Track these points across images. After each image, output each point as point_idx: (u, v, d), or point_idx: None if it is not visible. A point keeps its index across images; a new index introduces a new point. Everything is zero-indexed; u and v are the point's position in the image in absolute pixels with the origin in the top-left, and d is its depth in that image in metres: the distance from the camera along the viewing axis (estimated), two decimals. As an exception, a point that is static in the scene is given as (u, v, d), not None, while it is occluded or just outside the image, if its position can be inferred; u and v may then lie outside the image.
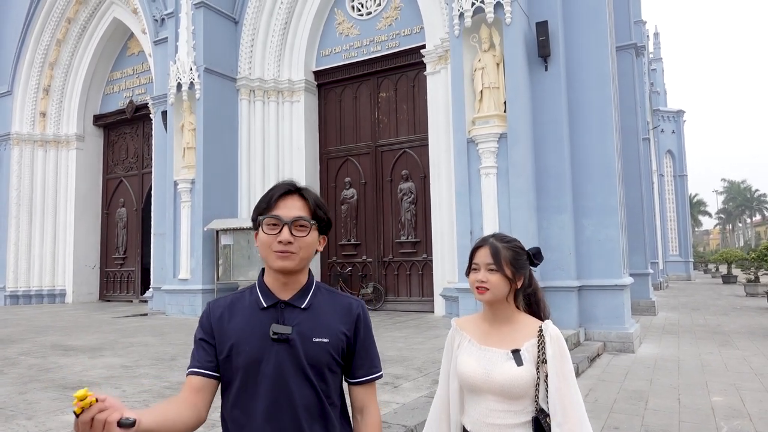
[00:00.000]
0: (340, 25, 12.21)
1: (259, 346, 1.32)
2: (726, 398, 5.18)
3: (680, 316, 11.81)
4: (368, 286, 11.50)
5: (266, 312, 1.36)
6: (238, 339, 1.33)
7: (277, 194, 1.38)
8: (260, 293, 1.39)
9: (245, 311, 1.37)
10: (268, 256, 1.36)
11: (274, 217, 1.36)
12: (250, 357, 1.32)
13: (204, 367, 1.35)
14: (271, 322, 1.34)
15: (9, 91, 15.65)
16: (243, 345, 1.32)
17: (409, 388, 4.57)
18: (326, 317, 1.39)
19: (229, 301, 1.41)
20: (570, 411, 1.56)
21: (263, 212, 1.38)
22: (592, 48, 8.26)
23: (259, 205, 1.40)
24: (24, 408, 4.11)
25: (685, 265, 28.87)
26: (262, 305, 1.37)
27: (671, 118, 29.40)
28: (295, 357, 1.32)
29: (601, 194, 8.01)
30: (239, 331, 1.34)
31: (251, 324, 1.35)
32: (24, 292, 15.05)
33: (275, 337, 1.32)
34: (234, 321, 1.36)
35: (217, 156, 11.31)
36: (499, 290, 1.65)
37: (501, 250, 1.67)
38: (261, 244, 1.38)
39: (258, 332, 1.33)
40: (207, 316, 1.40)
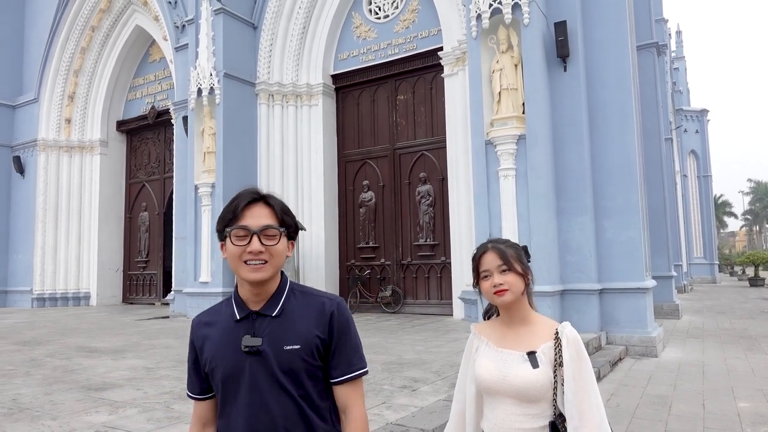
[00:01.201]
0: (358, 29, 12.25)
1: (233, 359, 1.33)
2: (753, 404, 5.06)
3: (705, 320, 11.57)
4: (387, 289, 11.50)
5: (240, 324, 1.36)
6: (214, 354, 1.35)
7: (242, 203, 1.35)
8: (235, 305, 1.39)
9: (221, 325, 1.39)
10: (239, 267, 1.34)
11: (241, 228, 1.33)
12: (225, 371, 1.34)
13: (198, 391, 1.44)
14: (244, 335, 1.34)
15: (36, 99, 16.05)
16: (219, 359, 1.34)
17: (427, 392, 4.56)
18: (298, 322, 1.36)
19: (208, 316, 1.44)
20: (587, 415, 1.54)
21: (229, 223, 1.35)
22: (612, 47, 8.16)
23: (224, 215, 1.37)
24: (49, 408, 4.20)
25: (710, 268, 28.28)
26: (236, 317, 1.37)
27: (695, 118, 28.87)
28: (267, 368, 1.32)
29: (623, 195, 7.90)
30: (216, 346, 1.36)
31: (226, 338, 1.36)
32: (50, 294, 15.38)
33: (246, 349, 1.32)
34: (212, 336, 1.38)
35: (236, 160, 11.42)
36: (516, 288, 1.65)
37: (505, 250, 1.68)
38: (230, 256, 1.34)
39: (232, 345, 1.34)
40: (192, 334, 1.43)
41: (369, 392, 4.58)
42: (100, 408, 4.19)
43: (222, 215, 1.38)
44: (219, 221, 1.38)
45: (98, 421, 3.85)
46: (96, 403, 4.36)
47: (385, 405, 4.17)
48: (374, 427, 3.61)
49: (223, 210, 1.38)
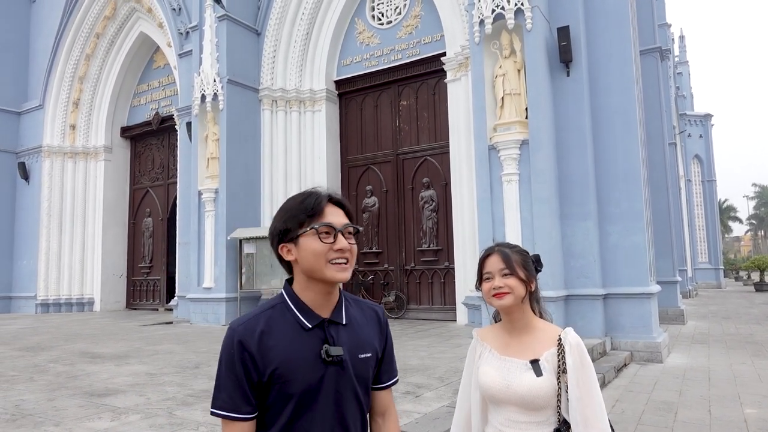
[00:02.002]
0: (361, 35, 12.29)
1: (312, 370, 1.24)
2: (760, 410, 5.02)
3: (710, 325, 11.50)
4: (390, 294, 11.48)
5: (312, 332, 1.27)
6: (284, 365, 1.22)
7: (323, 201, 1.29)
8: (299, 312, 1.28)
9: (286, 333, 1.25)
10: (324, 267, 1.26)
11: (328, 225, 1.27)
12: (304, 383, 1.23)
13: (249, 410, 1.24)
14: (319, 343, 1.26)
15: (41, 105, 16.14)
16: (294, 372, 1.22)
17: (430, 398, 4.53)
18: (363, 331, 1.36)
19: (262, 323, 1.26)
20: (592, 421, 1.53)
21: (305, 222, 1.27)
22: (615, 52, 8.15)
23: (294, 214, 1.28)
24: (52, 414, 4.19)
25: (715, 273, 28.14)
26: (306, 326, 1.27)
27: (698, 122, 28.80)
28: (347, 378, 1.28)
29: (627, 200, 7.87)
30: (285, 357, 1.22)
31: (298, 347, 1.24)
32: (54, 300, 15.41)
33: (329, 359, 1.25)
34: (275, 345, 1.23)
35: (240, 166, 11.45)
36: (518, 293, 1.64)
37: (511, 254, 1.67)
38: (313, 255, 1.26)
39: (308, 356, 1.24)
40: (240, 341, 1.23)
41: (372, 398, 4.55)
42: (102, 414, 4.19)
43: (291, 214, 1.28)
44: (287, 221, 1.28)
45: (101, 427, 3.84)
46: (99, 409, 4.35)
47: (388, 411, 4.15)
48: (377, 433, 3.59)
49: (291, 209, 1.29)
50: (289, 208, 1.30)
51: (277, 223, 1.30)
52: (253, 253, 11.11)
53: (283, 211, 1.30)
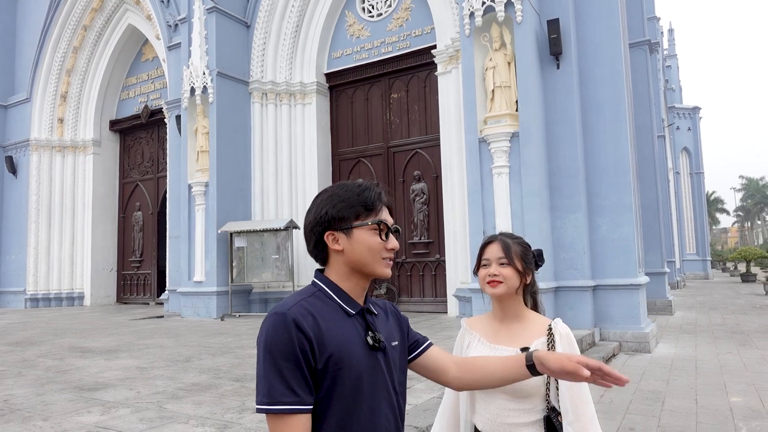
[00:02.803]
0: (351, 27, 12.24)
1: (362, 357, 1.22)
2: (745, 399, 5.10)
3: (698, 316, 11.64)
4: (381, 287, 11.50)
5: (354, 319, 1.26)
6: (339, 350, 1.18)
7: (383, 198, 1.30)
8: (339, 299, 1.26)
9: (334, 319, 1.22)
10: (376, 262, 1.27)
11: (385, 224, 1.28)
12: (358, 370, 1.20)
13: (311, 400, 1.15)
14: (362, 330, 1.25)
15: (28, 98, 15.95)
16: (349, 358, 1.19)
17: (421, 389, 4.56)
18: (387, 322, 1.37)
19: (310, 307, 1.21)
20: (581, 409, 1.56)
21: (366, 215, 1.27)
22: (604, 45, 8.18)
23: (354, 205, 1.26)
24: (41, 409, 4.18)
25: (703, 264, 28.45)
26: (349, 312, 1.25)
27: (687, 115, 29.01)
28: (387, 364, 1.29)
29: (616, 193, 7.93)
30: (338, 341, 1.19)
31: (347, 333, 1.22)
32: (43, 295, 15.30)
33: (376, 345, 1.24)
34: (328, 329, 1.19)
35: (230, 159, 11.39)
36: (511, 283, 1.66)
37: (511, 245, 1.69)
38: (369, 249, 1.26)
39: (357, 341, 1.22)
40: (297, 325, 1.15)
41: (363, 390, 4.58)
42: (92, 408, 4.18)
43: (349, 204, 1.26)
44: (343, 209, 1.25)
45: (90, 421, 3.83)
46: (88, 403, 4.35)
47: (379, 402, 4.17)
48: (368, 424, 3.61)
49: (348, 199, 1.27)
50: (346, 198, 1.27)
51: (329, 209, 1.26)
52: (244, 247, 11.09)
53: (336, 198, 1.27)
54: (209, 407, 4.15)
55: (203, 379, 5.17)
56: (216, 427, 3.63)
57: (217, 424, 3.71)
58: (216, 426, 3.66)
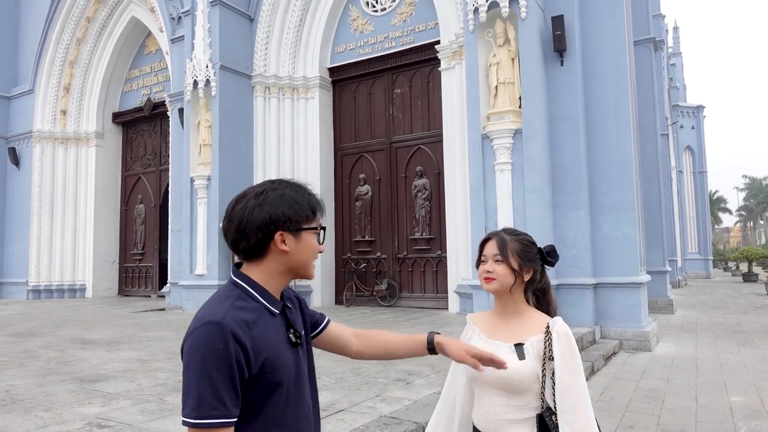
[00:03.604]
0: (355, 22, 12.20)
1: (288, 353, 1.25)
2: (745, 398, 5.10)
3: (699, 315, 11.63)
4: (382, 282, 11.51)
5: (279, 318, 1.28)
6: (271, 353, 1.20)
7: (322, 206, 1.34)
8: (264, 300, 1.26)
9: (262, 321, 1.22)
10: (310, 263, 1.31)
11: (323, 228, 1.32)
12: (287, 368, 1.23)
13: (237, 412, 1.14)
14: (285, 328, 1.28)
15: (31, 90, 15.94)
16: (280, 358, 1.22)
17: (421, 385, 4.57)
18: (296, 312, 1.39)
19: (241, 312, 1.19)
20: (579, 409, 1.55)
21: (313, 218, 1.30)
22: (608, 42, 8.15)
23: (305, 207, 1.28)
24: (42, 400, 4.19)
25: (705, 263, 28.40)
26: (274, 312, 1.26)
27: (691, 114, 28.90)
28: (306, 356, 1.35)
29: (618, 191, 7.92)
30: (270, 344, 1.21)
31: (275, 335, 1.24)
32: (45, 286, 15.34)
33: (298, 341, 1.29)
34: (260, 333, 1.19)
35: (232, 153, 11.39)
36: (504, 280, 1.66)
37: (508, 242, 1.69)
38: (311, 251, 1.30)
39: (282, 340, 1.25)
40: (233, 335, 1.13)
41: (363, 385, 4.59)
42: (93, 399, 4.19)
43: (302, 206, 1.28)
44: (297, 210, 1.27)
45: (91, 412, 3.85)
46: (89, 394, 4.36)
47: (379, 398, 4.18)
48: (368, 419, 3.62)
49: (300, 201, 1.28)
50: (300, 200, 1.28)
51: (286, 210, 1.25)
52: (245, 241, 11.08)
53: (291, 199, 1.27)
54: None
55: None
56: None
57: None
58: None
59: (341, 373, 5.04)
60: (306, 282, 11.53)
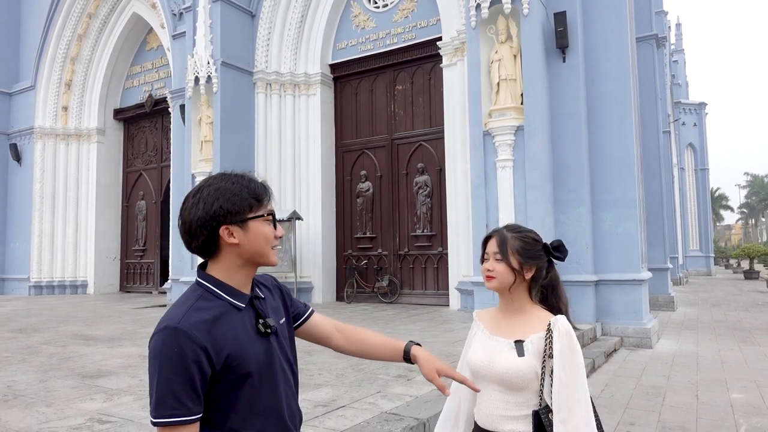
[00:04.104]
0: (356, 18, 12.17)
1: (257, 346, 1.27)
2: (746, 395, 5.10)
3: (700, 312, 11.63)
4: (383, 279, 11.52)
5: (246, 311, 1.29)
6: (235, 348, 1.22)
7: (269, 189, 1.36)
8: (228, 295, 1.27)
9: (225, 318, 1.24)
10: (267, 251, 1.31)
11: (272, 214, 1.33)
12: (256, 359, 1.26)
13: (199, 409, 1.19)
14: (253, 320, 1.29)
15: (32, 86, 15.94)
16: (245, 351, 1.24)
17: (422, 381, 4.57)
18: (272, 300, 1.41)
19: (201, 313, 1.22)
20: (576, 409, 1.53)
21: (258, 206, 1.30)
22: (611, 39, 8.12)
23: (245, 197, 1.28)
24: (44, 395, 4.20)
25: (706, 260, 28.38)
26: (239, 306, 1.28)
27: (693, 111, 28.84)
28: (280, 344, 1.34)
29: (620, 188, 7.90)
30: (233, 339, 1.23)
31: (239, 329, 1.26)
32: (47, 282, 15.37)
33: (268, 331, 1.29)
34: (222, 331, 1.22)
35: (233, 149, 11.39)
36: (503, 279, 1.66)
37: (509, 240, 1.68)
38: (264, 239, 1.30)
39: (249, 333, 1.27)
40: (191, 339, 1.17)
41: (364, 381, 4.60)
42: (94, 395, 4.20)
43: (241, 197, 1.28)
44: (236, 203, 1.27)
45: (93, 408, 3.86)
46: (91, 390, 4.37)
47: (380, 394, 4.19)
48: (369, 416, 3.63)
49: (238, 192, 1.28)
50: (237, 191, 1.28)
51: (223, 203, 1.25)
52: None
53: (226, 192, 1.27)
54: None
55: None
56: None
57: None
58: None
59: (342, 370, 5.04)
60: (307, 278, 11.55)
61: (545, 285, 1.71)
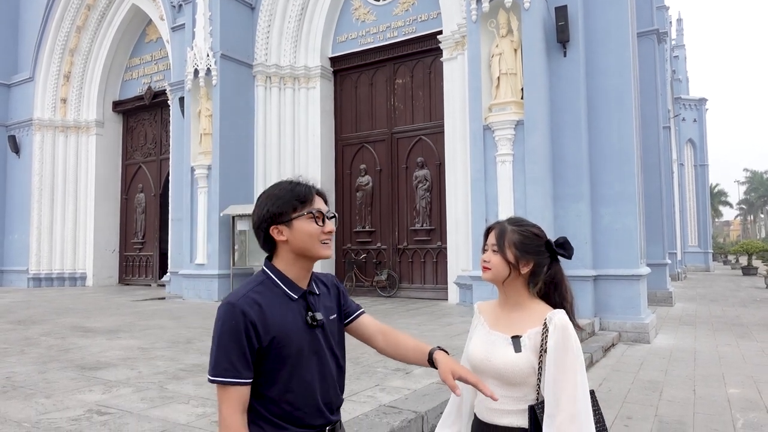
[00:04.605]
0: (357, 11, 12.12)
1: (301, 334, 1.43)
2: (743, 390, 5.12)
3: (698, 307, 11.65)
4: (382, 273, 11.53)
5: (298, 302, 1.46)
6: (281, 332, 1.40)
7: (313, 191, 1.50)
8: (284, 286, 1.46)
9: (278, 304, 1.43)
10: (315, 246, 1.46)
11: (319, 211, 1.47)
12: (298, 345, 1.42)
13: (248, 375, 1.38)
14: (303, 311, 1.46)
15: (31, 78, 15.88)
16: (290, 336, 1.41)
17: (420, 375, 4.58)
18: (328, 298, 1.57)
19: (256, 296, 1.41)
20: (564, 404, 1.51)
21: (302, 206, 1.45)
22: (612, 33, 8.10)
23: (288, 200, 1.45)
24: (43, 387, 4.21)
25: (704, 256, 28.42)
26: (292, 297, 1.46)
27: (693, 107, 28.80)
28: (325, 337, 1.50)
29: (619, 183, 7.90)
30: (281, 324, 1.41)
31: (289, 316, 1.43)
32: (46, 275, 15.37)
33: (314, 324, 1.46)
34: (272, 315, 1.40)
35: (233, 142, 11.36)
36: (497, 271, 1.66)
37: (508, 232, 1.67)
38: (308, 235, 1.45)
39: (297, 322, 1.44)
40: (243, 314, 1.36)
41: (363, 375, 4.61)
42: (93, 387, 4.21)
43: (284, 200, 1.45)
44: (280, 206, 1.45)
45: (92, 399, 3.86)
46: (90, 381, 4.38)
47: (378, 387, 4.20)
48: (367, 408, 3.64)
49: (282, 196, 1.45)
50: (281, 195, 1.46)
51: (270, 207, 1.45)
52: (246, 230, 11.09)
53: (273, 197, 1.46)
54: (209, 388, 4.18)
55: (204, 361, 5.20)
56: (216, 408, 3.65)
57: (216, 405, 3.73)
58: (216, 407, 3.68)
59: (341, 363, 5.05)
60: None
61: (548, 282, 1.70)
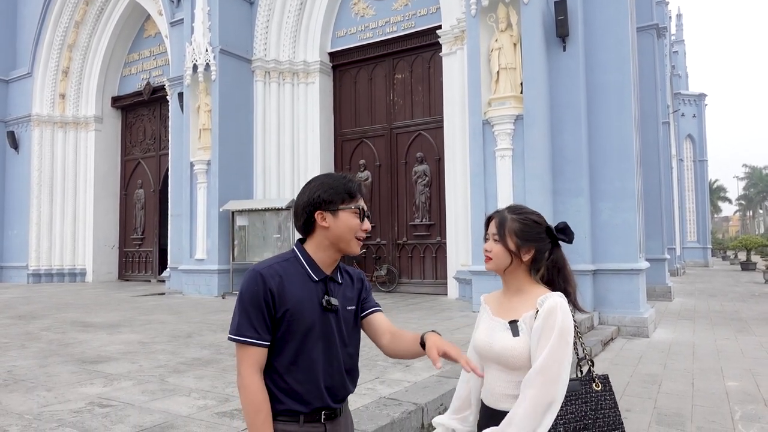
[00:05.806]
0: (356, 6, 12.10)
1: (314, 313, 1.51)
2: (741, 383, 5.14)
3: (697, 302, 11.69)
4: (382, 268, 11.54)
5: (318, 284, 1.55)
6: (295, 306, 1.49)
7: (359, 187, 1.59)
8: (308, 267, 1.55)
9: (298, 281, 1.52)
10: (351, 240, 1.55)
11: (362, 209, 1.57)
12: (309, 323, 1.50)
13: (267, 337, 1.48)
14: (321, 294, 1.54)
15: (29, 73, 15.83)
16: (302, 312, 1.49)
17: (420, 368, 4.60)
18: (350, 290, 1.66)
19: (279, 269, 1.51)
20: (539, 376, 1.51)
21: (350, 200, 1.54)
22: (612, 28, 8.09)
23: (341, 191, 1.53)
24: (44, 380, 4.22)
25: (703, 252, 28.46)
26: (314, 278, 1.54)
27: (692, 102, 28.77)
28: (338, 325, 1.57)
29: (619, 178, 7.91)
30: (297, 299, 1.49)
31: (306, 294, 1.51)
32: (46, 270, 15.37)
33: (329, 307, 1.53)
34: (290, 288, 1.49)
35: (232, 137, 11.36)
36: (499, 260, 1.68)
37: (508, 221, 1.69)
38: (346, 228, 1.54)
39: (313, 301, 1.52)
40: (264, 281, 1.47)
41: (363, 368, 4.59)
42: (94, 380, 4.23)
43: (337, 190, 1.53)
44: (332, 194, 1.53)
45: (93, 392, 3.88)
46: (91, 375, 4.39)
47: (378, 380, 4.22)
48: (367, 401, 3.66)
49: (336, 186, 1.54)
50: (334, 185, 1.55)
51: (321, 193, 1.53)
52: (245, 226, 11.10)
53: (326, 186, 1.55)
54: (210, 381, 4.20)
55: (204, 354, 5.22)
56: (217, 400, 3.67)
57: (218, 397, 3.75)
58: (217, 399, 3.70)
59: (341, 356, 5.07)
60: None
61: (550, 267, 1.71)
